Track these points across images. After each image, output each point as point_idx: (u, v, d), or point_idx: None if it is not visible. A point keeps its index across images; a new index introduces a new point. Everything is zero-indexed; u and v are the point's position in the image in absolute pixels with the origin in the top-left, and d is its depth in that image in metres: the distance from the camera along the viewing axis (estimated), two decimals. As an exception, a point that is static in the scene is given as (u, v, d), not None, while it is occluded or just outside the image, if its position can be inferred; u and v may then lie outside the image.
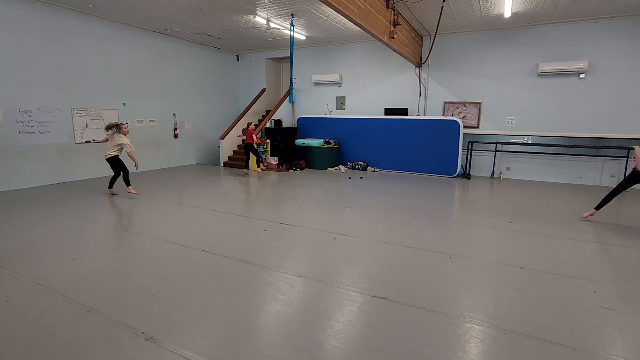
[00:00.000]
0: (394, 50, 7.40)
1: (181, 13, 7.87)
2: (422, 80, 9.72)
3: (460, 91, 9.33)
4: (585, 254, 4.07)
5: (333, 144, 10.39)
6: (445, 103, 9.55)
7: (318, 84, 11.18)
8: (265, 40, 10.33)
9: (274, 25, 8.23)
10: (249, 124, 9.27)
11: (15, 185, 7.04)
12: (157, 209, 5.74)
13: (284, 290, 3.10)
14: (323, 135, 10.74)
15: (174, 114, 10.39)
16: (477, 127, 9.24)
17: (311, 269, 3.57)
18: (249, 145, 9.17)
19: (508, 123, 8.88)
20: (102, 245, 4.13)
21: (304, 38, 9.77)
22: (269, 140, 10.44)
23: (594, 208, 5.34)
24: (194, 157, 11.23)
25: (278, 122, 10.65)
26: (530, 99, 8.58)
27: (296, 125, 11.38)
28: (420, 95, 9.80)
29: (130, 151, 6.25)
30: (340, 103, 11.03)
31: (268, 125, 10.69)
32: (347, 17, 5.04)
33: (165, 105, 10.07)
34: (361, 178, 8.95)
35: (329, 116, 10.93)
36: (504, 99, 8.85)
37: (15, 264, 3.59)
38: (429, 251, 4.06)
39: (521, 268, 3.60)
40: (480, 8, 7.24)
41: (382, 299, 2.97)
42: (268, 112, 11.83)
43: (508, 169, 9.06)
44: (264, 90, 12.13)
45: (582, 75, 8.01)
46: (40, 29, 7.19)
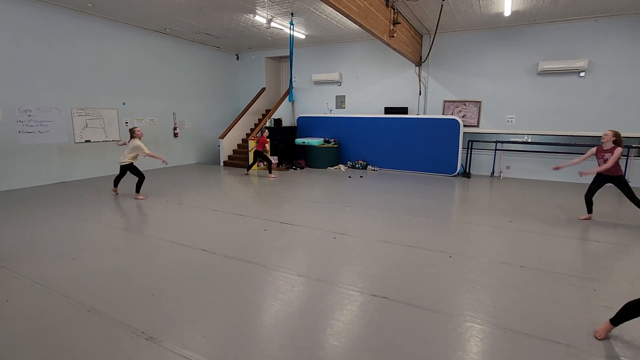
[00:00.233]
0: (394, 49, 7.39)
1: (181, 12, 7.86)
2: (422, 79, 9.71)
3: (460, 90, 9.33)
4: (585, 253, 4.07)
5: (333, 143, 10.39)
6: (445, 102, 9.54)
7: (318, 83, 11.18)
8: (265, 39, 10.32)
9: (274, 24, 8.22)
10: (263, 131, 9.01)
11: (15, 185, 7.04)
12: (157, 209, 5.74)
13: (284, 289, 3.10)
14: (323, 135, 10.73)
15: (174, 114, 10.38)
16: (477, 126, 9.23)
17: (311, 268, 3.57)
18: (258, 152, 8.82)
19: (508, 122, 8.88)
20: (102, 245, 4.13)
21: (303, 37, 9.77)
22: (269, 140, 10.43)
23: (587, 212, 5.39)
24: (193, 157, 11.23)
25: (278, 121, 10.64)
26: (530, 97, 8.58)
27: (296, 125, 11.37)
28: (420, 94, 9.80)
29: (148, 153, 6.14)
30: (340, 102, 11.03)
31: (268, 124, 10.68)
32: (347, 16, 5.04)
33: (165, 105, 10.06)
34: (361, 177, 8.95)
35: (329, 115, 10.92)
36: (504, 97, 8.85)
37: (15, 263, 3.59)
38: (429, 250, 4.06)
39: (521, 267, 3.60)
40: (480, 7, 7.23)
41: (382, 298, 2.97)
42: (268, 111, 11.83)
43: (508, 167, 9.06)
44: (263, 89, 12.12)
45: (582, 74, 8.00)
46: (39, 29, 7.18)
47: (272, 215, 5.41)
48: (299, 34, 9.41)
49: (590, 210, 5.35)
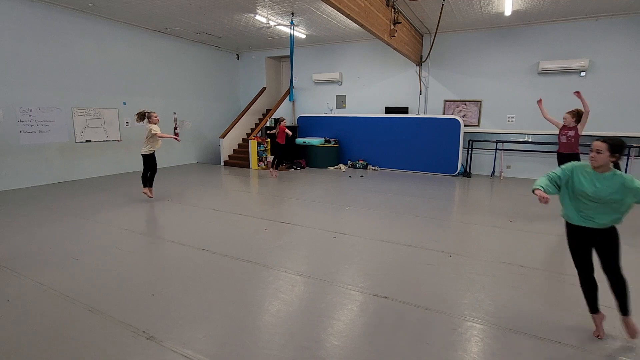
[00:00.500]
0: (394, 49, 7.38)
1: (181, 12, 7.86)
2: (423, 78, 9.71)
3: (461, 89, 9.32)
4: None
5: (333, 143, 10.39)
6: (445, 101, 9.54)
7: (318, 82, 11.17)
8: (266, 39, 10.32)
9: (274, 24, 8.22)
10: (281, 120, 8.42)
11: (16, 184, 7.05)
12: (157, 208, 5.75)
13: (284, 289, 3.11)
14: (323, 134, 10.73)
15: (174, 113, 10.37)
16: (478, 126, 9.23)
17: (312, 267, 3.57)
18: (279, 146, 8.37)
19: (508, 121, 8.87)
20: (103, 245, 4.13)
21: (304, 37, 9.76)
22: (269, 139, 10.44)
23: None
24: (194, 156, 11.23)
25: (278, 121, 10.63)
26: (530, 97, 8.55)
27: (296, 124, 11.38)
28: (420, 94, 9.79)
29: (161, 134, 5.77)
30: (341, 102, 11.02)
31: (268, 124, 10.69)
32: (348, 16, 5.04)
33: (166, 104, 10.06)
34: (362, 177, 8.95)
35: (329, 115, 10.92)
36: (504, 97, 8.84)
37: (15, 263, 3.60)
38: (429, 250, 4.06)
39: (522, 267, 3.60)
40: (480, 6, 7.23)
41: (383, 297, 2.97)
42: (268, 111, 11.83)
43: (508, 167, 9.06)
44: (264, 89, 12.12)
45: (583, 74, 7.99)
46: (40, 28, 7.18)
47: (273, 215, 5.41)
48: (300, 33, 9.41)
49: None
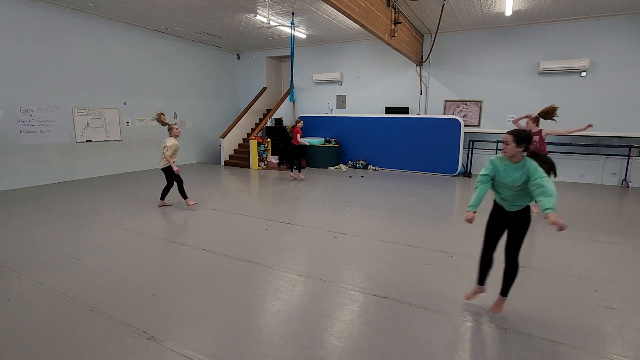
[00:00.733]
0: (395, 49, 7.38)
1: (182, 12, 7.86)
2: (423, 78, 9.70)
3: (461, 90, 9.31)
4: (585, 252, 4.07)
5: (334, 143, 10.38)
6: (446, 101, 9.53)
7: (319, 82, 11.17)
8: (266, 39, 10.32)
9: (275, 24, 8.22)
10: (297, 122, 8.08)
11: (16, 184, 7.05)
12: (157, 208, 5.75)
13: (284, 289, 3.11)
14: (324, 134, 10.73)
15: (175, 113, 10.38)
16: (478, 126, 9.22)
17: (312, 267, 3.57)
18: (294, 148, 8.05)
19: (509, 121, 8.85)
20: (103, 245, 4.14)
21: (304, 37, 9.76)
22: (269, 139, 10.45)
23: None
24: (194, 156, 11.23)
25: (279, 121, 10.64)
26: (531, 97, 8.55)
27: (297, 124, 11.38)
28: (421, 94, 9.79)
29: (167, 154, 5.40)
30: (341, 102, 11.02)
31: (269, 124, 10.69)
32: (348, 16, 5.04)
33: (166, 104, 10.06)
34: (362, 177, 8.94)
35: (329, 115, 10.92)
36: (505, 97, 8.84)
37: (16, 263, 3.60)
38: (429, 250, 4.05)
39: (522, 267, 3.58)
40: (481, 6, 7.22)
41: (383, 298, 2.97)
42: (269, 111, 11.83)
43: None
44: (264, 89, 12.12)
45: (583, 74, 7.98)
46: (40, 28, 7.18)
47: (273, 215, 5.41)
48: (300, 33, 9.41)
49: None
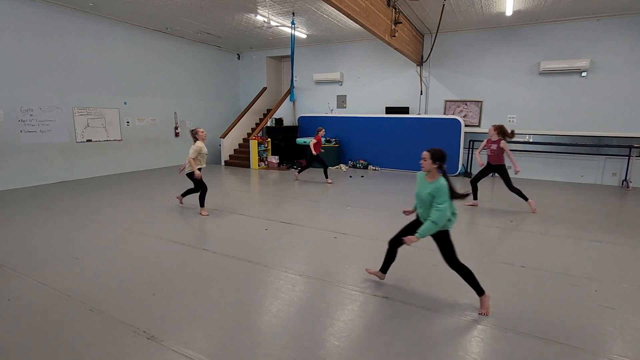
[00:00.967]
0: (395, 49, 7.38)
1: (182, 12, 7.86)
2: (423, 78, 9.70)
3: (462, 90, 9.31)
4: (586, 252, 4.06)
5: (334, 143, 10.38)
6: (446, 102, 9.53)
7: (319, 82, 11.17)
8: (266, 38, 10.32)
9: (275, 24, 8.22)
10: (318, 130, 7.85)
11: (16, 184, 7.05)
12: (158, 208, 5.75)
13: (285, 289, 3.11)
14: (324, 134, 10.69)
15: (175, 113, 10.39)
16: (479, 126, 9.22)
17: (312, 267, 3.57)
18: (313, 157, 7.90)
19: (509, 122, 8.86)
20: (104, 244, 4.14)
21: (304, 37, 9.76)
22: (270, 139, 10.45)
23: (473, 199, 6.01)
24: (194, 156, 11.21)
25: (279, 121, 10.64)
26: (531, 97, 8.56)
27: (297, 124, 11.37)
28: (421, 94, 9.78)
29: (191, 157, 5.27)
30: (341, 102, 11.02)
31: (269, 124, 10.69)
32: (349, 16, 5.03)
33: (166, 104, 10.07)
34: (362, 177, 8.94)
35: (330, 115, 10.92)
36: (505, 97, 8.83)
37: (16, 263, 3.60)
38: (430, 250, 4.04)
39: (522, 267, 3.59)
40: (481, 6, 7.22)
41: (383, 297, 2.97)
42: (269, 111, 11.83)
43: (509, 167, 9.02)
44: (264, 89, 12.12)
45: (584, 74, 7.98)
46: (40, 28, 7.18)
47: (273, 215, 5.41)
48: (300, 33, 9.40)
49: (475, 197, 6.00)
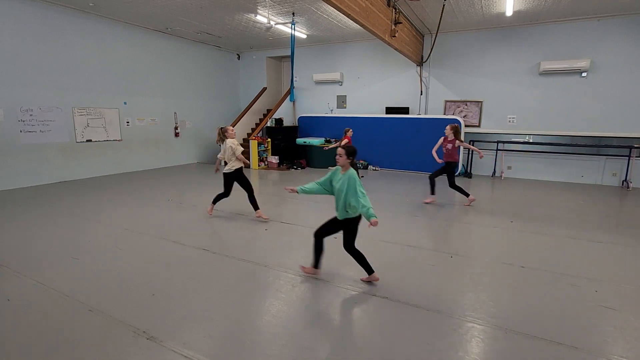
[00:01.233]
0: (395, 49, 7.38)
1: (182, 12, 7.86)
2: (423, 79, 9.70)
3: (462, 90, 9.31)
4: (586, 252, 4.06)
5: (334, 143, 10.37)
6: (446, 102, 9.53)
7: (319, 82, 11.17)
8: (266, 39, 10.32)
9: (275, 24, 8.21)
10: (346, 131, 7.25)
11: (16, 184, 7.05)
12: (158, 208, 5.74)
13: (285, 289, 3.10)
14: (324, 134, 10.72)
15: (175, 113, 10.38)
16: (479, 126, 9.22)
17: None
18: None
19: (509, 122, 8.86)
20: (103, 244, 4.13)
21: (304, 37, 9.75)
22: (270, 139, 10.44)
23: (430, 194, 6.17)
24: (194, 156, 11.22)
25: (279, 121, 10.64)
26: (531, 97, 8.56)
27: (297, 124, 11.37)
28: (421, 94, 9.78)
29: (238, 152, 5.02)
30: (341, 102, 11.02)
31: (269, 124, 10.68)
32: (349, 16, 5.03)
33: (166, 104, 10.06)
34: (362, 177, 8.93)
35: (330, 115, 10.91)
36: (505, 97, 8.83)
37: (16, 263, 3.59)
38: (430, 250, 4.05)
39: (522, 267, 3.59)
40: (481, 6, 7.22)
41: (383, 298, 2.96)
42: (269, 111, 11.82)
43: (509, 168, 9.05)
44: (264, 89, 12.12)
45: (584, 74, 7.98)
46: (40, 28, 7.18)
47: (273, 215, 5.40)
48: (300, 33, 9.40)
49: (433, 192, 6.13)
